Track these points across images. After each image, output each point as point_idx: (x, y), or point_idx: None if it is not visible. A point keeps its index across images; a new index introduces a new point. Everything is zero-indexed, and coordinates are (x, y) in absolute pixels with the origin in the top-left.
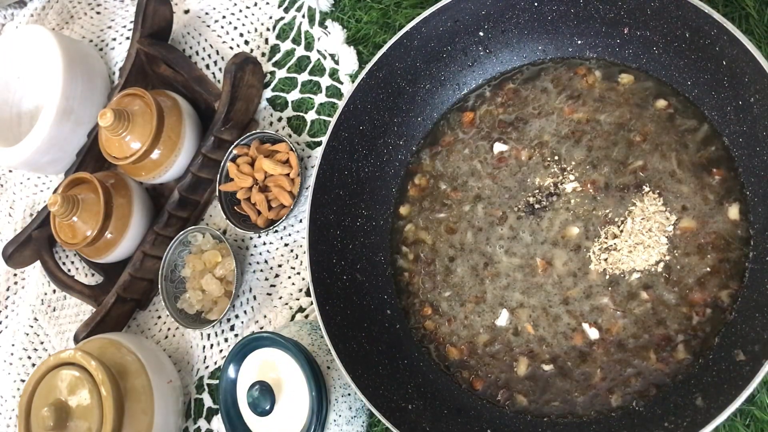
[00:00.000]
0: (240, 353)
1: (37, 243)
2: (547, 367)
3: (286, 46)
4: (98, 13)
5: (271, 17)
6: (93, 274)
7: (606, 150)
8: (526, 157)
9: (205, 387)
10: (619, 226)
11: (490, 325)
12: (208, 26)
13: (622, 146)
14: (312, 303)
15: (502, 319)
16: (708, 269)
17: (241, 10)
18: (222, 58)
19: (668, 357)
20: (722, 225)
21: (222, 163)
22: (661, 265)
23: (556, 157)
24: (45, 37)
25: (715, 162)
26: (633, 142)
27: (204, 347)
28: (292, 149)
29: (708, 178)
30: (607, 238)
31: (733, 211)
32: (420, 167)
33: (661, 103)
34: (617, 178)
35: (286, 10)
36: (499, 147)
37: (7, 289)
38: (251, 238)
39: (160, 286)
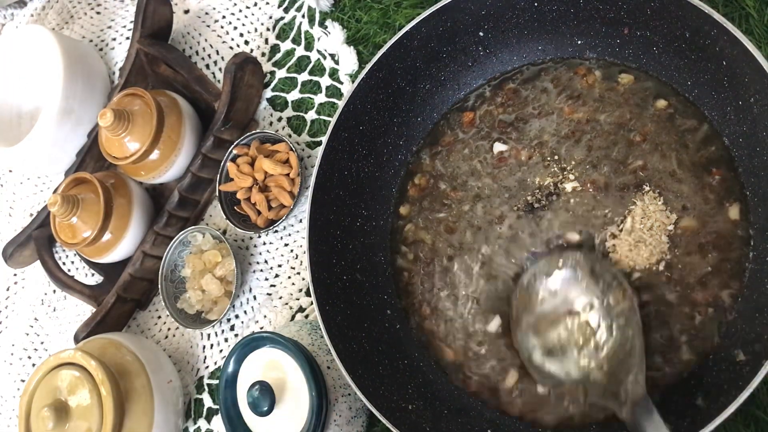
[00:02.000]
0: (240, 353)
1: (37, 243)
2: None
3: (286, 46)
4: (98, 13)
5: (271, 17)
6: (93, 274)
7: (606, 150)
8: (526, 157)
9: (205, 387)
10: (618, 226)
11: (483, 330)
12: (208, 26)
13: (622, 146)
14: (312, 303)
15: (494, 324)
16: (709, 268)
17: (241, 10)
18: (222, 58)
19: (671, 357)
20: (723, 225)
21: (222, 163)
22: (663, 264)
23: (556, 157)
24: (45, 37)
25: (715, 162)
26: (633, 142)
27: (204, 347)
28: (292, 149)
29: (708, 178)
30: (606, 238)
31: (734, 211)
32: (420, 167)
33: (661, 103)
34: (617, 178)
35: (286, 10)
36: (499, 147)
37: (7, 289)
38: (251, 238)
39: (160, 286)
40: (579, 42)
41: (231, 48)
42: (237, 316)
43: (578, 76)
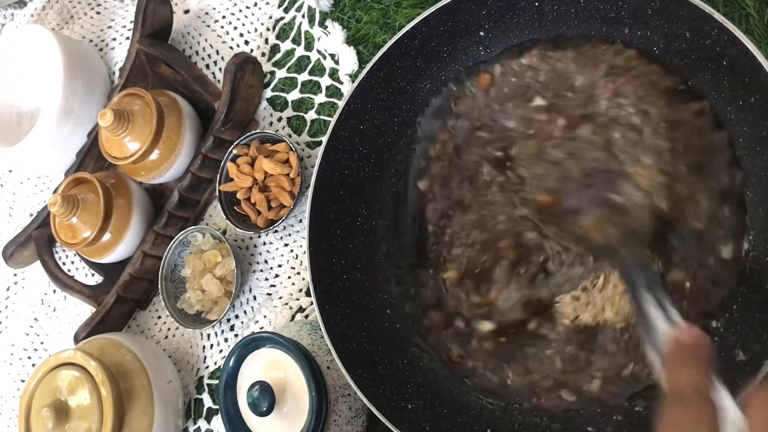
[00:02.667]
0: (240, 353)
1: (37, 243)
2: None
3: (286, 46)
4: (98, 13)
5: (271, 17)
6: (93, 274)
7: (670, 145)
8: (574, 124)
9: (205, 387)
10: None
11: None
12: (208, 26)
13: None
14: (312, 303)
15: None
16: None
17: (241, 10)
18: (222, 58)
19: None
20: (712, 269)
21: (222, 163)
22: (620, 325)
23: (612, 145)
24: (45, 37)
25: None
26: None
27: (204, 347)
28: (292, 149)
29: (719, 211)
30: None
31: (726, 251)
32: (432, 136)
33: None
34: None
35: (286, 10)
36: (538, 101)
37: (7, 289)
38: (251, 238)
39: (160, 286)
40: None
41: (231, 48)
42: (237, 316)
43: (610, 53)
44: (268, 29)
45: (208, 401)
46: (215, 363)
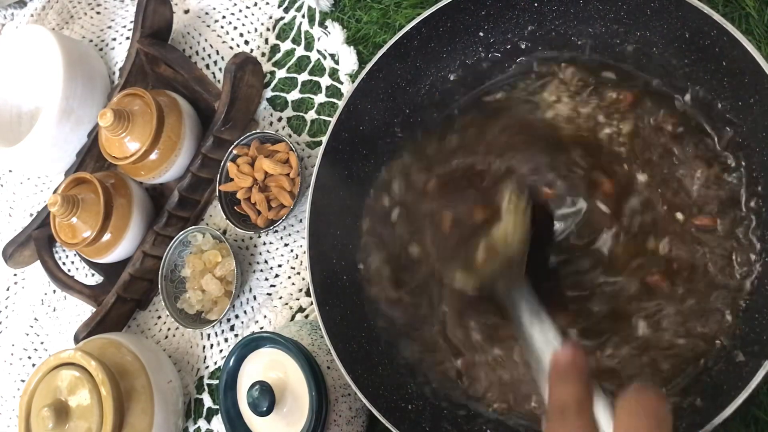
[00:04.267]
0: (240, 353)
1: (37, 243)
2: None
3: (286, 46)
4: (98, 13)
5: (271, 17)
6: (93, 274)
7: None
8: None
9: (205, 387)
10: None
11: None
12: (208, 26)
13: None
14: (312, 303)
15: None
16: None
17: (241, 10)
18: (222, 58)
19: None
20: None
21: (222, 163)
22: None
23: None
24: (45, 37)
25: None
26: None
27: (204, 347)
28: (292, 149)
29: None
30: None
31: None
32: None
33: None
34: None
35: (286, 10)
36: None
37: (7, 289)
38: (251, 238)
39: (160, 286)
40: (579, 42)
41: (231, 48)
42: (237, 316)
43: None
44: (268, 29)
45: (208, 401)
46: (215, 363)
